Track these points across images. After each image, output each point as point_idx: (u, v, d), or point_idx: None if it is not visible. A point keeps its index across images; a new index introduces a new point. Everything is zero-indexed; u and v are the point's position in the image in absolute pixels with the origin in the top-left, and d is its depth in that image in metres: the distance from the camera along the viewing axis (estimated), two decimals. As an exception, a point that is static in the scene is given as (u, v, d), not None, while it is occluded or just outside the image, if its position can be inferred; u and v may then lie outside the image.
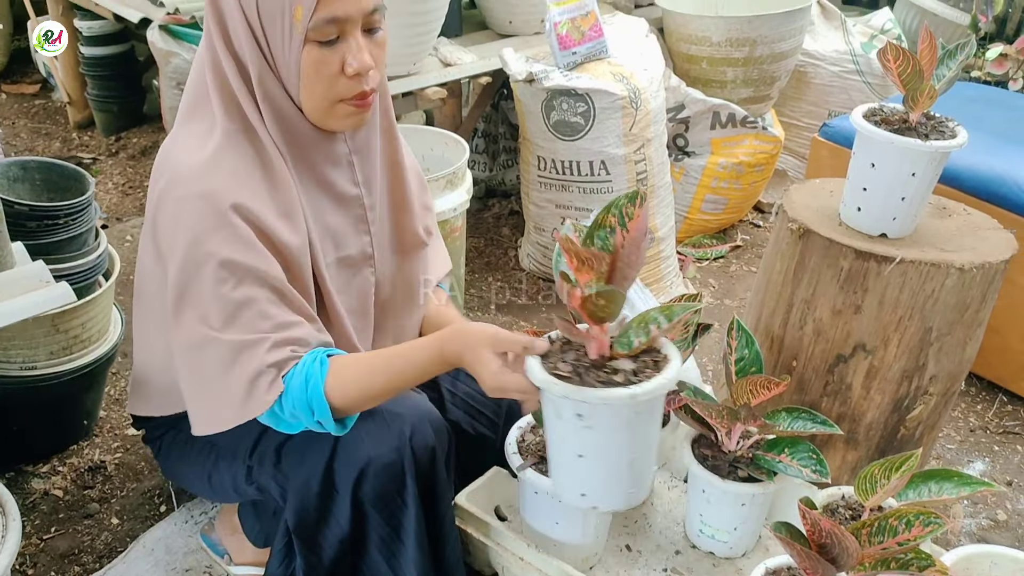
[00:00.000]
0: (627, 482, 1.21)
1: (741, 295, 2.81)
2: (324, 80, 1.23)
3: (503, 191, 3.35)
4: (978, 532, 1.92)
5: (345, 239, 1.36)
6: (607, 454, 1.17)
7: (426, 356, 1.25)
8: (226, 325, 1.21)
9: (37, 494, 1.92)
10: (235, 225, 1.20)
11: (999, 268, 1.54)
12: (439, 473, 1.35)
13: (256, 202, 1.22)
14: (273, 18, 1.20)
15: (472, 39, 2.91)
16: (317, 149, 1.31)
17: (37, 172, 1.92)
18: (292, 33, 1.19)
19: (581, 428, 1.14)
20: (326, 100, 1.24)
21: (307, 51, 1.21)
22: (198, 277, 1.21)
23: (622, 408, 1.12)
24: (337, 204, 1.35)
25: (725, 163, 2.96)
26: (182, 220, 1.22)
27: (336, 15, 1.19)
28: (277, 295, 1.24)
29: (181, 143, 1.27)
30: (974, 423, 2.26)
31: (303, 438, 1.31)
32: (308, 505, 1.32)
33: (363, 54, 1.22)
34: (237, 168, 1.23)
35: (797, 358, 1.68)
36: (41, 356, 1.86)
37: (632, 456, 1.18)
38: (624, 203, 1.16)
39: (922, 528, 1.14)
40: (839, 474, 1.72)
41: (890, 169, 1.51)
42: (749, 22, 2.90)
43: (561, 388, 1.11)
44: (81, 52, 3.57)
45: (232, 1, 1.22)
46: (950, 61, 1.51)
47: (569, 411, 1.14)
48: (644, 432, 1.19)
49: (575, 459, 1.19)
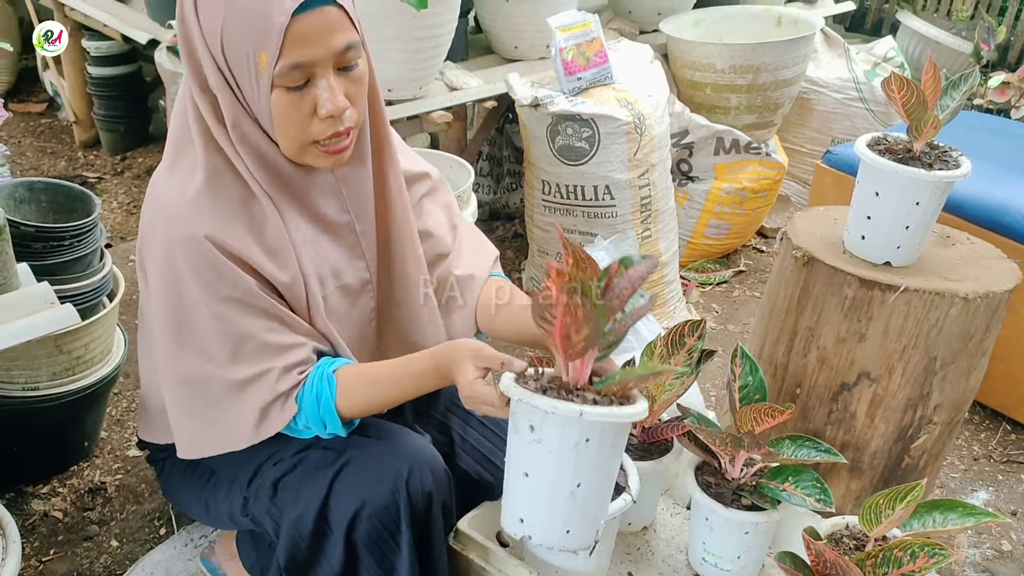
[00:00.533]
0: (565, 516, 1.17)
1: (744, 320, 2.81)
2: (295, 124, 1.18)
3: (507, 214, 3.36)
4: (982, 562, 1.91)
5: (343, 268, 1.35)
6: (550, 476, 1.14)
7: (423, 367, 1.27)
8: (230, 361, 1.23)
9: (37, 515, 1.92)
10: (223, 265, 1.20)
11: (1003, 297, 1.54)
12: (435, 519, 1.33)
13: (242, 244, 1.21)
14: (239, 63, 1.15)
15: (478, 63, 2.93)
16: (302, 183, 1.28)
17: (43, 193, 1.93)
18: (259, 79, 1.15)
19: (531, 442, 1.13)
20: (298, 142, 1.20)
21: (275, 96, 1.16)
22: (193, 318, 1.22)
23: (571, 424, 1.10)
24: (330, 234, 1.33)
25: (729, 188, 2.97)
26: (169, 263, 1.21)
27: (302, 61, 1.14)
28: (275, 321, 1.25)
29: (167, 180, 1.25)
30: (978, 452, 2.25)
31: (301, 475, 1.31)
32: (300, 543, 1.31)
33: (336, 96, 1.17)
34: (219, 209, 1.21)
35: (801, 386, 1.68)
36: (43, 377, 1.86)
37: (574, 487, 1.15)
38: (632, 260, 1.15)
39: (927, 559, 1.14)
40: (843, 503, 1.71)
41: (894, 198, 1.52)
42: (753, 49, 2.92)
43: (517, 391, 1.11)
44: (89, 72, 3.60)
45: (201, 43, 1.18)
46: (954, 91, 1.52)
47: (523, 421, 1.13)
48: (593, 464, 1.15)
49: (520, 477, 1.17)
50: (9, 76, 4.28)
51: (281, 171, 1.25)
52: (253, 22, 1.12)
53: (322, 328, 1.32)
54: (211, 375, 1.25)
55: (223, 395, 1.25)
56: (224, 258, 1.20)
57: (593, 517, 1.20)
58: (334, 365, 1.29)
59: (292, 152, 1.23)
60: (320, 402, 1.26)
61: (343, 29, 1.16)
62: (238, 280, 1.21)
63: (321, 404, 1.26)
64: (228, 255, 1.21)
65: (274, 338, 1.24)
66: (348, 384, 1.27)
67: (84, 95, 3.71)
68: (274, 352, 1.24)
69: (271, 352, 1.24)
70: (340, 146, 1.22)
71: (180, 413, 1.31)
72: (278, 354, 1.25)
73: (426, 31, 2.41)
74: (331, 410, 1.26)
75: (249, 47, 1.13)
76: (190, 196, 1.21)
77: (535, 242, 2.78)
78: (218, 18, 1.14)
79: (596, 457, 1.14)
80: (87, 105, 3.75)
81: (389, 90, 2.48)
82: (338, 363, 1.30)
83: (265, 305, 1.24)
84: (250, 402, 1.25)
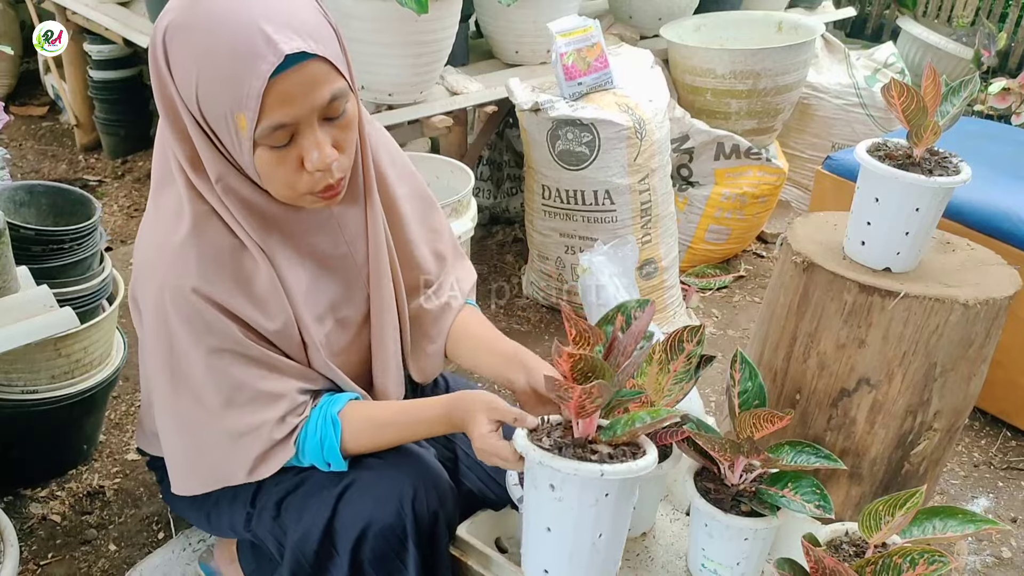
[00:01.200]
0: (588, 565, 1.24)
1: (744, 325, 2.81)
2: (283, 178, 1.14)
3: (507, 218, 3.36)
4: (982, 569, 1.91)
5: (341, 302, 1.33)
6: (573, 530, 1.20)
7: (433, 415, 1.28)
8: (224, 409, 1.23)
9: (35, 519, 1.91)
10: (211, 316, 1.18)
11: (1003, 304, 1.53)
12: (440, 537, 1.33)
13: (229, 295, 1.19)
14: (218, 122, 1.10)
15: (478, 68, 2.93)
16: (295, 222, 1.25)
17: (44, 196, 1.93)
18: (239, 138, 1.10)
19: (552, 500, 1.18)
20: (288, 194, 1.17)
21: (259, 154, 1.11)
22: (186, 366, 1.21)
23: (591, 483, 1.16)
24: (327, 269, 1.30)
25: (729, 193, 2.97)
26: (161, 311, 1.19)
27: (283, 122, 1.08)
28: (267, 368, 1.24)
29: (153, 225, 1.22)
30: (978, 458, 2.25)
31: (304, 495, 1.31)
32: (305, 564, 1.30)
33: (324, 150, 1.11)
34: (206, 259, 1.17)
35: (800, 392, 1.67)
36: (43, 380, 1.85)
37: (595, 538, 1.21)
38: (634, 307, 1.29)
39: (927, 566, 1.13)
40: (843, 509, 1.71)
41: (894, 204, 1.52)
42: (753, 55, 2.92)
43: (538, 455, 1.15)
44: (90, 75, 3.61)
45: (177, 97, 1.12)
46: (954, 97, 1.51)
47: (543, 480, 1.18)
48: (612, 515, 1.22)
49: (543, 532, 1.22)
50: (10, 79, 4.28)
51: (272, 216, 1.22)
52: (228, 82, 1.05)
53: (322, 369, 1.31)
54: (205, 423, 1.24)
55: (218, 443, 1.26)
56: (213, 310, 1.18)
57: (614, 560, 1.28)
58: (338, 405, 1.28)
59: (284, 199, 1.19)
60: (324, 444, 1.27)
61: (327, 81, 1.09)
62: (227, 331, 1.19)
63: (325, 447, 1.27)
64: (216, 306, 1.18)
65: (267, 386, 1.24)
66: (354, 427, 1.28)
67: (85, 98, 3.72)
68: (268, 401, 1.24)
69: (265, 401, 1.24)
70: (331, 194, 1.18)
71: (176, 454, 1.31)
72: (272, 403, 1.24)
73: (427, 35, 2.41)
74: (335, 452, 1.27)
75: (226, 108, 1.07)
76: (176, 245, 1.17)
77: (535, 247, 2.78)
78: (192, 77, 1.08)
79: (615, 508, 1.21)
80: (88, 109, 3.75)
81: (390, 94, 2.48)
82: (342, 402, 1.29)
83: (255, 354, 1.22)
84: (245, 451, 1.25)
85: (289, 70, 1.05)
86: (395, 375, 1.42)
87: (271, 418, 1.24)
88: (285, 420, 1.25)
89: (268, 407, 1.24)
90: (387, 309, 1.38)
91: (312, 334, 1.28)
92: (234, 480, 1.28)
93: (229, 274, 1.19)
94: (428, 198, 1.50)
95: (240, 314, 1.20)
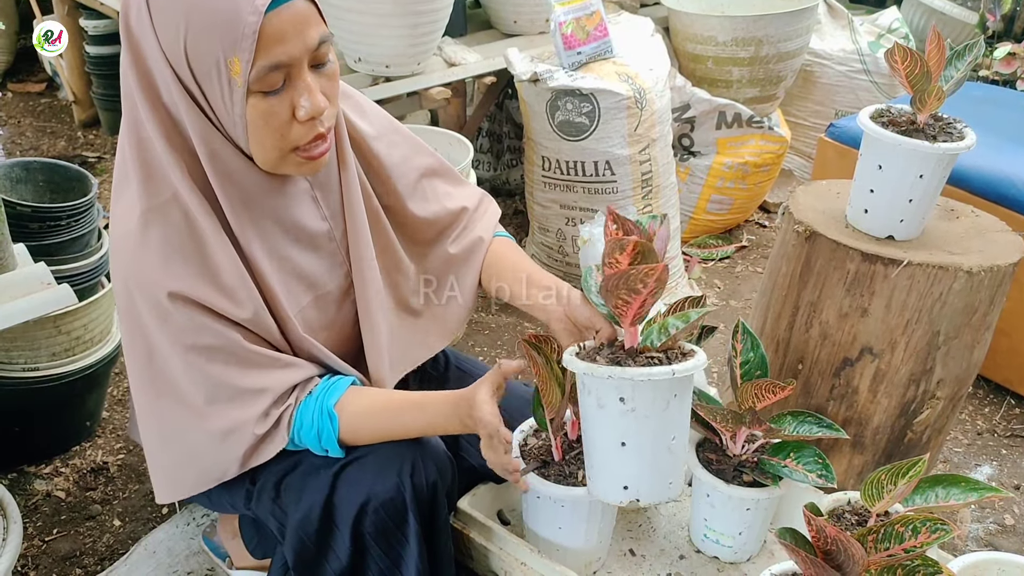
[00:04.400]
0: (667, 470, 1.25)
1: (747, 296, 2.80)
2: (274, 131, 1.12)
3: (507, 191, 3.34)
4: (985, 537, 1.91)
5: (321, 278, 1.30)
6: (649, 438, 1.21)
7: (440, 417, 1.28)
8: (207, 406, 1.21)
9: (39, 495, 1.92)
10: (182, 314, 1.16)
11: (1007, 271, 1.52)
12: (440, 508, 1.33)
13: (195, 288, 1.16)
14: (208, 74, 1.07)
15: (477, 39, 2.90)
16: (276, 195, 1.22)
17: (40, 173, 1.92)
18: (232, 88, 1.07)
19: (624, 413, 1.18)
20: (277, 150, 1.14)
21: (252, 104, 1.09)
22: (164, 368, 1.20)
23: (663, 387, 1.17)
24: (307, 244, 1.27)
25: (731, 163, 2.95)
26: (133, 311, 1.18)
27: (280, 61, 1.06)
28: (245, 365, 1.21)
29: (117, 214, 1.19)
30: (982, 426, 2.24)
31: (303, 474, 1.30)
32: (308, 542, 1.30)
33: (316, 96, 1.11)
34: (170, 254, 1.15)
35: (803, 361, 1.67)
36: (43, 357, 1.85)
37: (670, 440, 1.23)
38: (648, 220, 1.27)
39: (929, 535, 1.13)
40: (845, 479, 1.71)
41: (897, 171, 1.50)
42: (755, 22, 2.88)
43: (606, 370, 1.16)
44: (86, 51, 3.58)
45: (158, 55, 1.09)
46: (958, 62, 1.49)
47: (612, 396, 1.18)
48: (681, 415, 1.23)
49: (617, 449, 1.22)
50: (7, 56, 4.25)
51: (253, 185, 1.19)
52: (221, 26, 1.03)
53: (304, 345, 1.28)
54: (189, 426, 1.23)
55: (203, 445, 1.24)
56: (185, 308, 1.16)
57: (683, 461, 1.29)
58: (334, 397, 1.27)
59: (270, 163, 1.16)
60: (322, 437, 1.26)
61: (316, 23, 1.10)
62: (201, 327, 1.17)
63: (323, 438, 1.26)
64: (186, 302, 1.16)
65: (248, 381, 1.21)
66: (352, 421, 1.26)
67: (82, 74, 3.69)
68: (250, 397, 1.22)
69: (247, 398, 1.22)
70: (320, 150, 1.17)
71: (162, 460, 1.30)
72: (254, 399, 1.22)
73: (424, 6, 2.38)
74: (333, 443, 1.27)
75: (219, 53, 1.05)
76: (138, 239, 1.14)
77: (535, 219, 2.77)
78: (179, 26, 1.05)
79: (682, 407, 1.23)
80: (86, 84, 3.72)
81: (387, 66, 2.46)
82: (338, 392, 1.27)
83: (233, 349, 1.20)
84: (232, 450, 1.24)
85: (281, 6, 1.05)
86: (387, 356, 1.39)
87: (253, 415, 1.22)
88: (268, 414, 1.23)
89: (250, 404, 1.22)
90: (371, 285, 1.35)
91: (286, 314, 1.25)
92: (227, 476, 1.27)
93: (194, 265, 1.16)
94: (422, 150, 1.47)
95: (211, 305, 1.17)
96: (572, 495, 1.35)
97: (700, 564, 1.52)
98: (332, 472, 1.28)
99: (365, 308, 1.35)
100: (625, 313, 1.19)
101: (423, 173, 1.46)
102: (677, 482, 1.28)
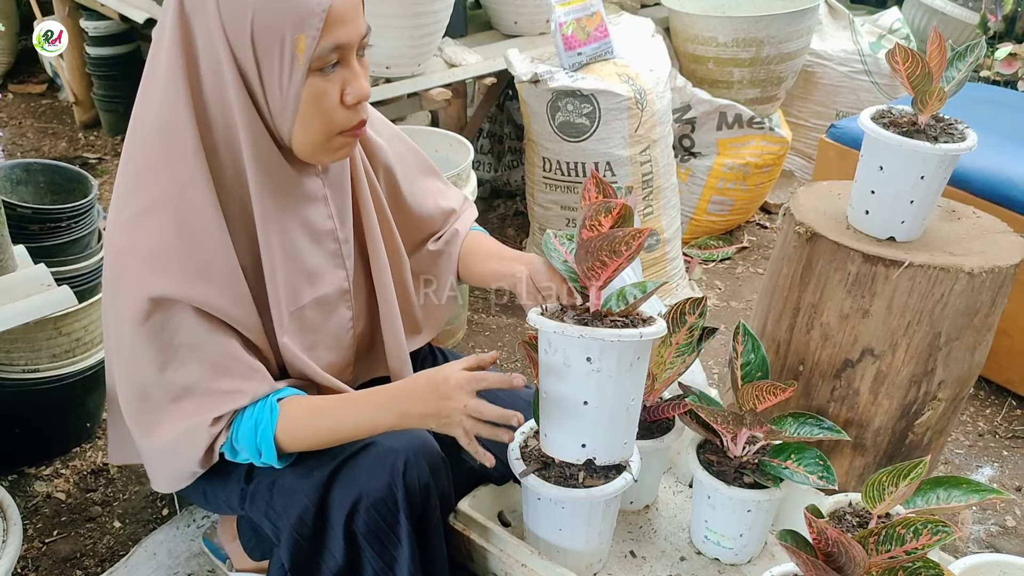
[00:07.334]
0: (624, 430, 1.32)
1: (747, 297, 2.79)
2: (323, 113, 1.17)
3: (508, 192, 3.34)
4: (987, 538, 1.90)
5: (322, 277, 1.32)
6: (610, 398, 1.26)
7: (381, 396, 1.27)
8: (171, 403, 1.22)
9: (39, 497, 1.92)
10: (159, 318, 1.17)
11: (1009, 272, 1.52)
12: (432, 509, 1.32)
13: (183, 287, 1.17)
14: (271, 50, 1.12)
15: (477, 39, 2.90)
16: (294, 189, 1.25)
17: (40, 174, 1.92)
18: (294, 65, 1.13)
19: (590, 372, 1.23)
20: (323, 134, 1.19)
21: (309, 83, 1.14)
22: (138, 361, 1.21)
23: (629, 349, 1.22)
24: (313, 241, 1.30)
25: (731, 164, 2.95)
26: (113, 305, 1.21)
27: (340, 41, 1.14)
28: (217, 372, 1.21)
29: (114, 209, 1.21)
30: (983, 427, 2.24)
31: (296, 475, 1.30)
32: (303, 543, 1.30)
33: (362, 82, 1.18)
34: (155, 252, 1.16)
35: (804, 363, 1.67)
36: (43, 359, 1.85)
37: (630, 401, 1.29)
38: None
39: (930, 537, 1.13)
40: (846, 480, 1.70)
41: (899, 172, 1.50)
42: (756, 22, 2.88)
43: (578, 329, 1.20)
44: (87, 52, 3.58)
45: (217, 39, 1.13)
46: (960, 63, 1.49)
47: (579, 356, 1.22)
48: (639, 378, 1.30)
49: (579, 407, 1.26)
50: (9, 57, 4.26)
51: (279, 178, 1.22)
52: (293, 3, 1.10)
53: (286, 353, 1.29)
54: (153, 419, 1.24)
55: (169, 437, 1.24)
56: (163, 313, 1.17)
57: (635, 426, 1.35)
58: (281, 394, 1.26)
59: (311, 145, 1.20)
60: (258, 429, 1.24)
61: (363, 13, 1.18)
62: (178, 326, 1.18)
63: (259, 431, 1.24)
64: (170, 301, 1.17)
65: (217, 384, 1.22)
66: (292, 416, 1.24)
67: (83, 75, 3.69)
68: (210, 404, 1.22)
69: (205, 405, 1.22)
70: (359, 132, 1.23)
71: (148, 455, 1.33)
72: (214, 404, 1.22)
73: (425, 6, 2.38)
74: (268, 438, 1.23)
75: (286, 30, 1.11)
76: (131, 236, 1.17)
77: (536, 220, 2.77)
78: (248, 8, 1.11)
79: (641, 370, 1.29)
80: (86, 85, 3.73)
81: (387, 67, 2.45)
82: (286, 393, 1.27)
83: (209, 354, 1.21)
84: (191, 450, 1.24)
85: None
86: (406, 355, 1.44)
87: (207, 418, 1.22)
88: (219, 421, 1.23)
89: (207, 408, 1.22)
90: (387, 287, 1.40)
91: (282, 311, 1.26)
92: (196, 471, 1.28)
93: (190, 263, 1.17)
94: (419, 152, 1.52)
95: (200, 302, 1.18)
96: (573, 497, 1.34)
97: (701, 566, 1.51)
98: (325, 473, 1.28)
99: (387, 309, 1.40)
100: (599, 276, 1.24)
101: (421, 171, 1.51)
102: (631, 443, 1.35)
